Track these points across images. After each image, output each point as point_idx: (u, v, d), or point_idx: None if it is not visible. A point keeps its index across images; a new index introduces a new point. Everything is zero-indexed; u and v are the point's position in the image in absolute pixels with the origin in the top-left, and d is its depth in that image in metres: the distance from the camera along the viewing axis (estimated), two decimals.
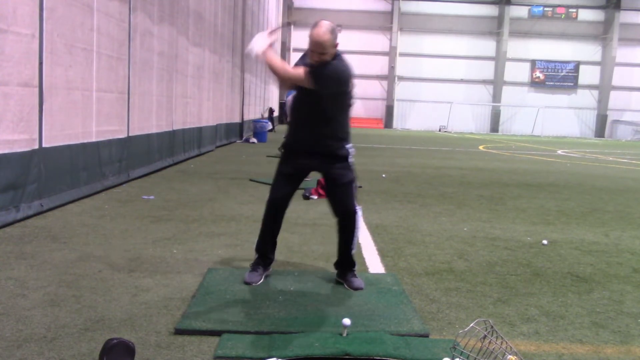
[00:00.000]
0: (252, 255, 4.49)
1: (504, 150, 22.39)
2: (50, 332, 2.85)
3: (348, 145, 3.77)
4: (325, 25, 3.46)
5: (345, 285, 3.79)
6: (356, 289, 3.74)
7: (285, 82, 3.70)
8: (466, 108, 50.25)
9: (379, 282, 3.88)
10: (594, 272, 4.49)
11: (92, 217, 5.78)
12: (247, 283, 3.75)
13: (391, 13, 48.97)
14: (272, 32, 3.73)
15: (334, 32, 3.46)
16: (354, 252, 3.91)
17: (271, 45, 3.68)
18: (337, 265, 3.94)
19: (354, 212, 3.84)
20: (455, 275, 4.22)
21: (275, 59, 3.65)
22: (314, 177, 9.25)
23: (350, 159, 3.79)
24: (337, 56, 3.60)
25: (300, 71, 3.56)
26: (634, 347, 3.02)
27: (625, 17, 48.83)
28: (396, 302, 3.48)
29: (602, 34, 49.47)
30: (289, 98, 8.89)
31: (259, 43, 3.61)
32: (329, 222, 5.98)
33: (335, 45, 3.52)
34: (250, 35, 22.84)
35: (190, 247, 4.72)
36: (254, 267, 3.90)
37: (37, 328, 2.89)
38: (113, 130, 7.68)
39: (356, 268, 3.92)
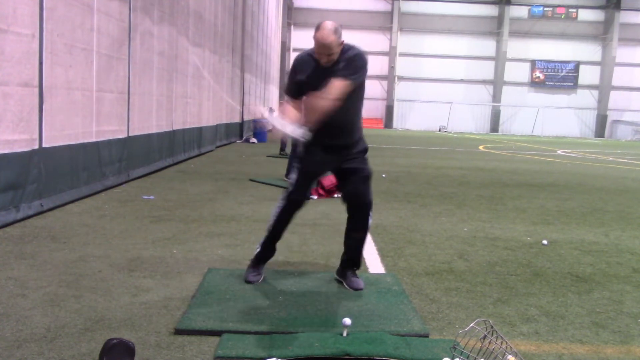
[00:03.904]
0: (251, 254, 4.49)
1: (504, 150, 22.39)
2: (50, 332, 2.85)
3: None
4: (328, 27, 3.45)
5: (345, 285, 3.79)
6: (356, 289, 3.73)
7: (337, 104, 3.55)
8: (466, 108, 50.24)
9: (379, 282, 3.88)
10: (594, 272, 4.48)
11: (92, 217, 5.78)
12: (248, 282, 3.75)
13: (391, 13, 48.98)
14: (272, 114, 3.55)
15: (337, 32, 3.46)
16: (364, 251, 3.90)
17: (285, 116, 3.49)
18: (343, 262, 3.89)
19: (371, 206, 3.78)
20: (455, 275, 4.22)
21: (315, 111, 3.49)
22: None
23: (366, 155, 3.81)
24: (346, 48, 3.57)
25: (339, 86, 3.50)
26: (634, 347, 3.02)
27: (625, 17, 48.82)
28: (396, 302, 3.48)
29: (602, 34, 49.47)
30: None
31: (282, 127, 3.40)
32: (329, 222, 5.99)
33: (341, 44, 3.52)
34: (250, 36, 22.85)
35: (190, 247, 4.72)
36: (255, 265, 3.89)
37: (37, 328, 2.89)
38: (113, 130, 7.68)
39: (358, 270, 3.92)
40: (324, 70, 3.57)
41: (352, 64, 3.59)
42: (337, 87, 3.50)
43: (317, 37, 3.44)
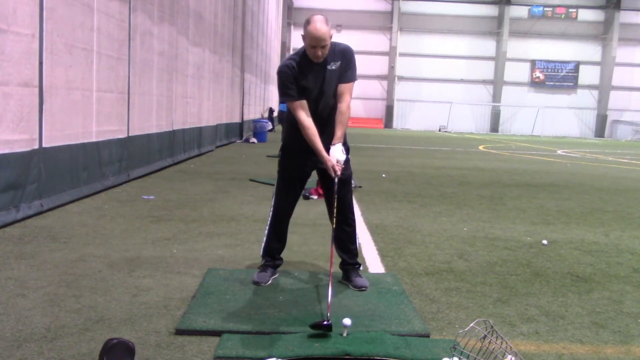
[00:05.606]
0: (251, 254, 4.51)
1: (504, 150, 22.39)
2: (50, 332, 2.85)
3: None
4: (319, 19, 3.46)
5: (350, 286, 3.78)
6: (360, 287, 3.73)
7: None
8: (466, 108, 50.26)
9: (379, 282, 3.88)
10: (594, 272, 4.48)
11: (92, 217, 5.78)
12: (256, 283, 3.73)
13: (391, 13, 48.99)
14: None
15: (328, 22, 3.48)
16: (356, 250, 3.90)
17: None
18: (341, 266, 3.92)
19: (353, 208, 3.87)
20: (455, 275, 4.22)
21: (340, 132, 3.61)
22: (314, 177, 9.26)
23: (349, 155, 3.79)
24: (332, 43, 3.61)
25: (351, 89, 3.66)
26: (634, 347, 3.02)
27: (625, 17, 48.83)
28: (396, 302, 3.48)
29: (602, 34, 49.47)
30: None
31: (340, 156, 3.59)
32: (329, 222, 5.98)
33: (331, 35, 3.52)
34: (250, 36, 22.84)
35: (190, 247, 4.72)
36: (263, 268, 3.88)
37: (37, 328, 2.89)
38: (113, 130, 7.68)
39: (361, 268, 3.92)
40: (320, 69, 3.58)
41: (350, 62, 3.65)
42: (351, 91, 3.63)
43: (311, 29, 3.42)
